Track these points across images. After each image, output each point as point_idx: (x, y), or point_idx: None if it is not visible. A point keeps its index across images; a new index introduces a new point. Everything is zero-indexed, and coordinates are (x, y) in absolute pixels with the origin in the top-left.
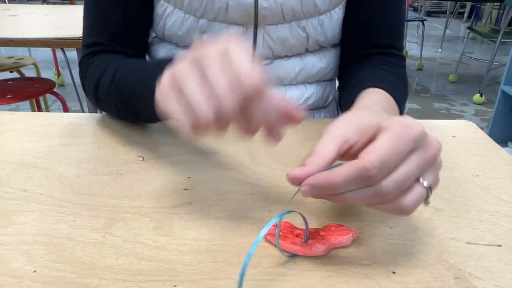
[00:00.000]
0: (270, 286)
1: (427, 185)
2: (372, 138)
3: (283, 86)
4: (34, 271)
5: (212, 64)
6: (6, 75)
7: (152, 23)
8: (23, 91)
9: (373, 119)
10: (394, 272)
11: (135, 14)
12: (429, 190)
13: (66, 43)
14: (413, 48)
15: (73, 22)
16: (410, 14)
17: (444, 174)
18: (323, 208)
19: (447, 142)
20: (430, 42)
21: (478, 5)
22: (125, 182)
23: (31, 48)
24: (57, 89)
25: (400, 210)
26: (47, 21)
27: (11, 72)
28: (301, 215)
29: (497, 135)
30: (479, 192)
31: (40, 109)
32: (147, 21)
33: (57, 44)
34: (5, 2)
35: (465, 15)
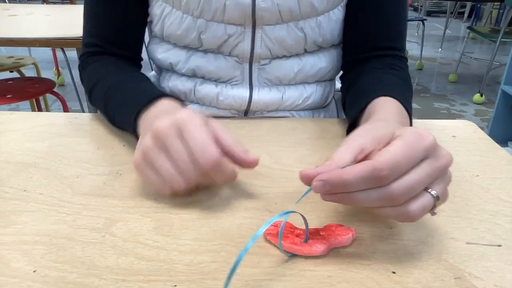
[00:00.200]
0: (270, 286)
1: (435, 195)
2: (386, 145)
3: (281, 86)
4: (34, 271)
5: (172, 143)
6: (6, 75)
7: (147, 24)
8: (23, 91)
9: (389, 130)
10: (394, 272)
11: (130, 17)
12: (437, 200)
13: (66, 43)
14: (413, 48)
15: (73, 22)
16: (410, 14)
17: None
18: (323, 208)
19: (447, 142)
20: (430, 42)
21: (478, 5)
22: (125, 182)
23: (31, 48)
24: (57, 89)
25: (406, 215)
26: (47, 21)
27: (11, 72)
28: (301, 215)
29: (497, 135)
30: (479, 192)
31: (40, 109)
32: (142, 23)
33: (57, 44)
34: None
35: (465, 15)
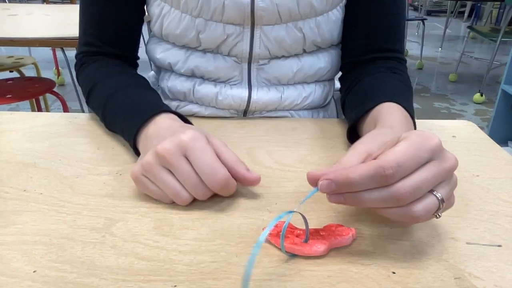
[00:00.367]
0: (270, 286)
1: (440, 197)
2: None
3: (280, 86)
4: (34, 271)
5: (177, 165)
6: (6, 74)
7: (143, 22)
8: (23, 90)
9: (395, 135)
10: (394, 272)
11: (126, 15)
12: (441, 203)
13: (66, 43)
14: (413, 48)
15: (73, 22)
16: (410, 13)
17: None
18: (323, 208)
19: (447, 142)
20: (430, 41)
21: (479, 5)
22: (125, 182)
23: (31, 48)
24: (57, 89)
25: (411, 216)
26: (47, 21)
27: (11, 71)
28: (301, 215)
29: (498, 135)
30: (479, 192)
31: (40, 109)
32: (138, 22)
33: (57, 43)
34: (5, 2)
35: (466, 14)
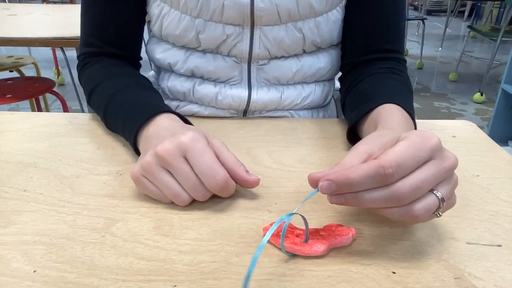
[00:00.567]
0: (270, 286)
1: (440, 196)
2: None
3: (280, 86)
4: (34, 271)
5: (177, 166)
6: (6, 74)
7: (145, 23)
8: (23, 90)
9: (395, 136)
10: (394, 272)
11: (128, 16)
12: (442, 202)
13: (66, 43)
14: (414, 47)
15: (73, 22)
16: (411, 13)
17: None
18: (323, 208)
19: (447, 142)
20: (430, 41)
21: (479, 4)
22: (125, 182)
23: (31, 48)
24: (57, 89)
25: (411, 216)
26: (47, 21)
27: (10, 71)
28: (301, 215)
29: (498, 134)
30: (479, 192)
31: (40, 109)
32: (140, 22)
33: (57, 43)
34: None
35: (466, 13)
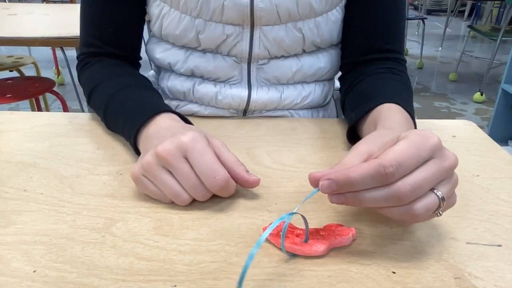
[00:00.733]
0: (270, 286)
1: (440, 195)
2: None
3: (280, 85)
4: (34, 271)
5: (177, 166)
6: (6, 74)
7: (144, 22)
8: (23, 90)
9: (395, 136)
10: (394, 272)
11: (128, 16)
12: (442, 201)
13: (66, 42)
14: (414, 47)
15: (73, 21)
16: (411, 13)
17: None
18: (323, 208)
19: (447, 142)
20: (430, 40)
21: (479, 4)
22: (125, 182)
23: (31, 47)
24: (57, 88)
25: (411, 215)
26: (47, 20)
27: (10, 71)
28: (301, 215)
29: (498, 134)
30: (479, 192)
31: (40, 109)
32: (139, 22)
33: (57, 43)
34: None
35: (466, 13)
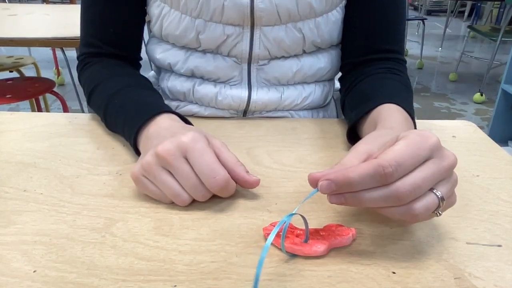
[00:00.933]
0: (270, 286)
1: (440, 195)
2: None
3: (280, 86)
4: (34, 271)
5: (177, 166)
6: (6, 74)
7: (145, 23)
8: (23, 90)
9: (394, 136)
10: (394, 272)
11: (128, 16)
12: (442, 201)
13: (66, 43)
14: (414, 47)
15: (73, 22)
16: (411, 13)
17: None
18: (323, 208)
19: (447, 142)
20: (430, 41)
21: (479, 4)
22: (125, 182)
23: (31, 48)
24: (57, 89)
25: (411, 215)
26: (47, 21)
27: (10, 71)
28: (301, 215)
29: (498, 134)
30: (479, 192)
31: (40, 109)
32: (140, 22)
33: (57, 43)
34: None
35: (466, 14)
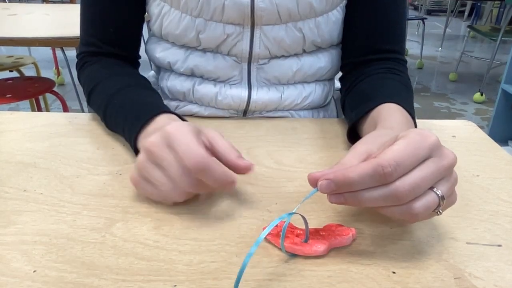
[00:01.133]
0: (270, 286)
1: (440, 194)
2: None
3: (280, 85)
4: (34, 271)
5: (162, 155)
6: (6, 74)
7: (143, 22)
8: (23, 90)
9: (394, 135)
10: (394, 272)
11: (127, 15)
12: (442, 199)
13: (66, 43)
14: (414, 47)
15: (73, 22)
16: (411, 13)
17: None
18: (323, 208)
19: (447, 142)
20: (430, 40)
21: (479, 4)
22: (125, 182)
23: (31, 48)
24: (56, 89)
25: (411, 214)
26: (47, 20)
27: (10, 71)
28: (301, 215)
29: (498, 134)
30: (479, 192)
31: (40, 109)
32: (139, 21)
33: (57, 43)
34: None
35: (466, 13)
